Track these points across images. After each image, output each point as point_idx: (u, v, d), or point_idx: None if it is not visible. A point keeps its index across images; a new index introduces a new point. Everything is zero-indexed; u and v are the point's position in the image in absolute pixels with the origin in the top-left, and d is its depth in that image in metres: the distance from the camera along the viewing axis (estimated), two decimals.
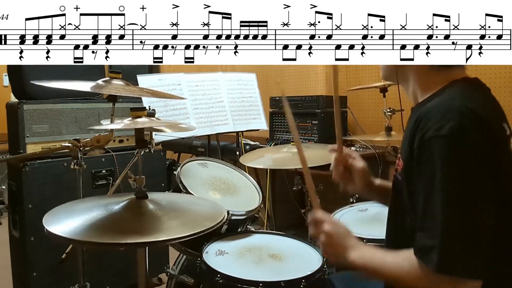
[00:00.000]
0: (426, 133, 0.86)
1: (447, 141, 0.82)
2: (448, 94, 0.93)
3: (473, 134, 0.83)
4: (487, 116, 0.86)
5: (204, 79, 2.33)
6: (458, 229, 0.81)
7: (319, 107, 2.73)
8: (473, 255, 0.80)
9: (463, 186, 0.82)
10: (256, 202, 1.78)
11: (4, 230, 2.54)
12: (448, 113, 0.85)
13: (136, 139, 1.31)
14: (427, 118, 0.87)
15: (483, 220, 0.82)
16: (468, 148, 0.82)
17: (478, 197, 0.82)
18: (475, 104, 0.87)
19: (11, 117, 2.10)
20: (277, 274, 1.29)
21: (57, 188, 2.08)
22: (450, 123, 0.83)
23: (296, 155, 1.84)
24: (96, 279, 2.19)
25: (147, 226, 1.15)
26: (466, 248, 0.80)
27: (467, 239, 0.81)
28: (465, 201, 0.81)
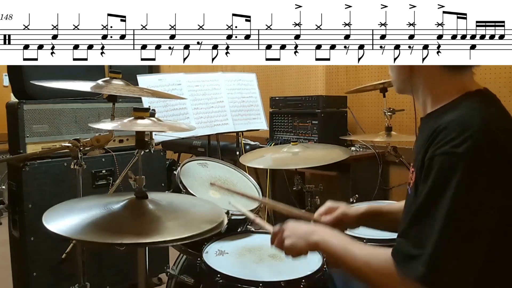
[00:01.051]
0: (441, 147, 0.84)
1: (462, 160, 0.81)
2: (466, 108, 0.90)
3: (488, 157, 0.82)
4: (504, 137, 0.85)
5: (204, 79, 2.33)
6: (452, 247, 0.81)
7: (319, 107, 2.73)
8: (460, 275, 0.81)
9: (468, 207, 0.81)
10: (256, 202, 1.78)
11: (4, 230, 2.54)
12: (467, 131, 0.83)
13: (137, 140, 1.31)
14: (444, 132, 0.85)
15: (479, 244, 0.82)
16: (481, 171, 0.81)
17: (480, 221, 0.81)
18: (494, 123, 0.86)
19: (11, 117, 2.10)
20: (277, 274, 1.29)
21: (57, 188, 2.08)
22: (468, 142, 0.81)
23: (296, 155, 1.85)
24: (96, 279, 2.19)
25: (147, 226, 1.15)
26: (455, 267, 0.81)
27: (459, 260, 0.81)
28: (466, 222, 0.81)
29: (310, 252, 1.08)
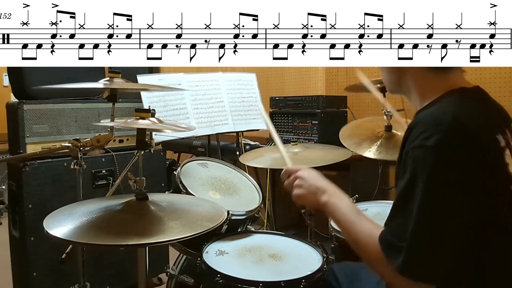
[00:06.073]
0: (413, 141, 0.87)
1: (431, 152, 0.84)
2: (443, 104, 0.93)
3: (457, 149, 0.84)
4: (477, 130, 0.87)
5: (204, 79, 2.33)
6: (426, 240, 0.84)
7: (319, 107, 2.73)
8: (435, 265, 0.84)
9: (439, 198, 0.83)
10: (256, 202, 1.78)
11: (4, 230, 2.54)
12: (437, 124, 0.86)
13: (137, 140, 1.31)
14: (417, 127, 0.88)
15: (454, 235, 0.84)
16: (450, 163, 0.83)
17: (451, 211, 0.83)
18: (466, 117, 0.87)
19: (11, 117, 2.10)
20: (277, 274, 1.29)
21: (57, 188, 2.08)
22: (437, 135, 0.84)
23: (296, 155, 1.85)
24: (96, 279, 2.19)
25: (147, 227, 1.15)
26: (430, 258, 0.84)
27: (433, 251, 0.84)
28: (438, 213, 0.83)
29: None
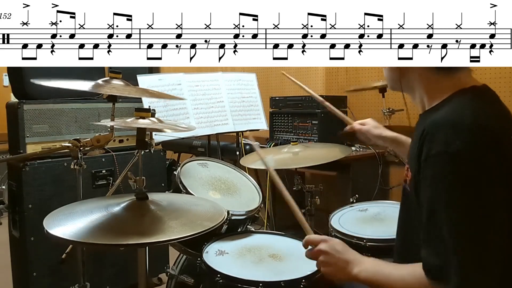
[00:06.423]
0: (434, 147, 0.83)
1: (456, 159, 0.80)
2: (457, 105, 0.90)
3: (483, 154, 0.81)
4: (498, 133, 0.84)
5: (204, 79, 2.33)
6: (471, 250, 0.79)
7: (319, 107, 2.73)
8: (488, 273, 0.80)
9: (473, 206, 0.80)
10: (256, 202, 1.78)
11: (4, 230, 2.54)
12: (458, 129, 0.82)
13: (137, 140, 1.31)
14: (434, 130, 0.85)
15: (495, 240, 0.80)
16: (477, 168, 0.80)
17: (488, 217, 0.80)
18: (486, 120, 0.85)
19: (11, 117, 2.10)
20: (277, 274, 1.29)
21: (57, 188, 2.08)
22: (460, 141, 0.80)
23: (296, 155, 1.85)
24: (96, 279, 2.19)
25: (147, 226, 1.15)
26: (482, 267, 0.79)
27: (481, 259, 0.79)
28: (475, 221, 0.80)
29: None
